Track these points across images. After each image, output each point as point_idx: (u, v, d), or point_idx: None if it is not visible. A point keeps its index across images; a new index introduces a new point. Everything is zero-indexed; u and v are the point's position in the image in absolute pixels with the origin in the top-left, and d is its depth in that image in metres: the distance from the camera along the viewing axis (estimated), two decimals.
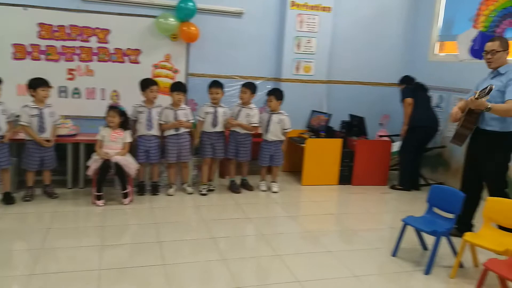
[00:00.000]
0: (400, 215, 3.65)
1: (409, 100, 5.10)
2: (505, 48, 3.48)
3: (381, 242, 3.68)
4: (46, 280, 2.78)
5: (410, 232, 3.45)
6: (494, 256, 2.81)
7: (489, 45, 3.52)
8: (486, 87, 3.24)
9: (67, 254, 3.17)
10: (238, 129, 4.78)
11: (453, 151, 5.41)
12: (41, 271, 2.88)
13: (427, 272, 3.13)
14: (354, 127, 5.48)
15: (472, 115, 3.45)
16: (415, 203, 4.77)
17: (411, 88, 5.24)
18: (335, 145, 5.26)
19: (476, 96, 3.26)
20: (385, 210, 4.69)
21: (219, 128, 4.74)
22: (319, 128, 5.48)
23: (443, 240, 3.20)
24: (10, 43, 4.85)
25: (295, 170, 5.69)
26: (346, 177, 5.37)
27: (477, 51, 5.05)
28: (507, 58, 3.54)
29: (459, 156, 5.29)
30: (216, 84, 4.71)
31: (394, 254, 3.40)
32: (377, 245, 3.61)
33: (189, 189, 4.75)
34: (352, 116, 5.60)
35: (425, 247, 3.52)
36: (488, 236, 3.06)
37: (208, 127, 4.71)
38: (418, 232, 3.47)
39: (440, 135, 5.56)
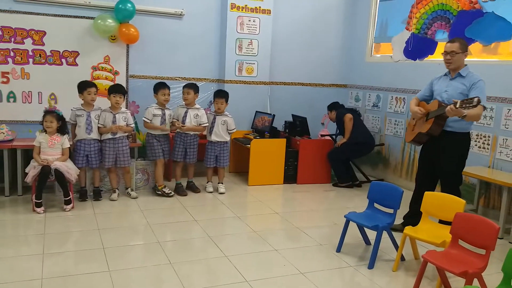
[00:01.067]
0: (343, 211, 3.79)
1: (349, 115, 5.41)
2: (464, 50, 3.56)
3: (326, 238, 3.81)
4: None
5: (353, 228, 3.60)
6: (433, 248, 2.97)
7: (448, 46, 3.58)
8: (473, 99, 3.19)
9: (7, 264, 3.04)
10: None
11: (392, 149, 5.72)
12: None
13: (371, 266, 3.27)
14: (297, 127, 5.65)
15: (441, 120, 3.56)
16: (357, 200, 5.01)
17: (342, 110, 5.60)
18: (280, 145, 5.39)
19: (458, 106, 3.27)
20: (329, 207, 4.87)
21: (167, 131, 4.75)
22: (264, 129, 5.59)
23: (385, 235, 3.35)
24: None
25: (241, 170, 5.77)
26: (291, 176, 5.51)
27: (410, 52, 5.40)
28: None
29: (397, 153, 5.62)
30: (166, 86, 4.71)
31: (338, 250, 3.54)
32: (321, 241, 3.74)
33: (133, 194, 4.68)
34: (294, 116, 5.77)
35: (367, 242, 3.68)
36: (426, 230, 3.23)
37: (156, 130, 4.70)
38: (361, 227, 3.62)
39: (379, 133, 5.87)
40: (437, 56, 5.19)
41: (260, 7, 5.72)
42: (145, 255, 3.33)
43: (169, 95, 4.74)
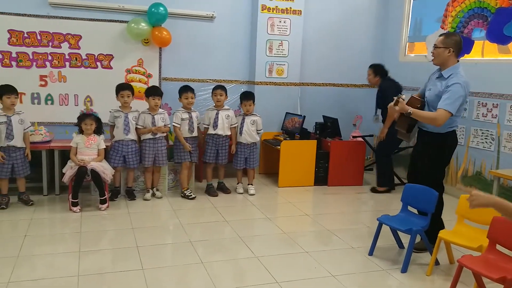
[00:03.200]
0: (375, 214, 3.74)
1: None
2: (448, 46, 3.30)
3: (358, 241, 3.75)
4: (25, 287, 2.75)
5: (386, 231, 3.53)
6: (469, 253, 2.87)
7: (437, 39, 3.44)
8: (399, 97, 3.34)
9: (45, 261, 3.14)
10: (220, 132, 4.83)
11: None
12: (18, 278, 2.85)
13: (404, 270, 3.19)
14: (328, 128, 5.59)
15: (401, 117, 3.50)
16: (390, 202, 4.91)
17: (390, 85, 5.14)
18: (310, 146, 5.35)
19: (393, 103, 3.34)
20: (361, 209, 4.80)
21: (195, 133, 4.81)
22: (294, 130, 5.56)
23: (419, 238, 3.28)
24: None
25: (271, 172, 5.76)
26: (321, 178, 5.46)
27: None
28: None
29: None
30: (190, 89, 4.77)
31: (370, 253, 3.48)
32: (353, 244, 3.69)
33: (158, 194, 4.75)
34: (325, 117, 5.72)
35: (401, 246, 3.60)
36: (462, 233, 3.13)
37: (185, 133, 4.74)
38: (394, 230, 3.55)
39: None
40: (474, 55, 5.04)
41: (291, 7, 5.71)
42: (177, 254, 3.38)
43: (192, 98, 4.78)
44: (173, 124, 4.75)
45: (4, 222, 3.88)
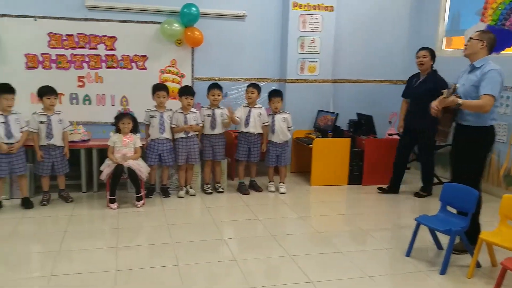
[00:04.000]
0: (412, 214, 3.66)
1: None
2: (482, 39, 3.33)
3: (394, 242, 3.68)
4: (64, 281, 2.84)
5: (424, 231, 3.44)
6: None
7: (473, 33, 3.44)
8: (450, 87, 3.24)
9: (84, 256, 3.24)
10: (252, 130, 4.84)
11: None
12: (59, 272, 2.95)
13: (443, 272, 3.10)
14: (362, 126, 5.49)
15: (446, 113, 3.40)
16: (427, 202, 4.78)
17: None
18: (344, 144, 5.28)
19: (444, 96, 3.25)
20: (397, 209, 4.68)
21: (217, 131, 4.82)
22: (326, 128, 5.50)
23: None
24: (23, 53, 4.96)
25: (302, 170, 5.72)
26: (356, 177, 5.37)
27: None
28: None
29: None
30: (216, 87, 4.79)
31: (408, 254, 3.39)
32: (389, 245, 3.61)
33: (192, 191, 4.81)
34: (359, 115, 5.62)
35: (440, 247, 3.49)
36: (505, 234, 3.01)
37: (207, 130, 4.79)
38: (432, 231, 3.45)
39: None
40: None
41: (322, 4, 5.64)
42: (210, 251, 3.41)
43: (219, 95, 4.81)
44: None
45: (45, 218, 4.03)
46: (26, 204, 4.23)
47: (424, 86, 4.72)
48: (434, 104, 3.45)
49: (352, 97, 6.07)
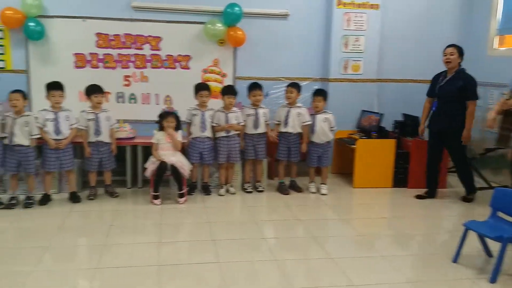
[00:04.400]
0: (459, 219, 3.52)
1: (477, 101, 4.46)
2: None
3: (440, 247, 3.54)
4: (109, 273, 2.92)
5: (472, 237, 3.27)
6: None
7: None
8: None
9: (128, 250, 3.32)
10: (290, 130, 4.80)
11: None
12: (104, 265, 3.04)
13: (493, 280, 2.94)
14: (408, 127, 5.32)
15: (508, 116, 3.22)
16: (474, 207, 4.56)
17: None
18: (388, 146, 5.13)
19: (507, 98, 3.04)
20: (443, 214, 4.49)
21: (260, 130, 4.81)
22: (370, 129, 5.37)
23: (510, 247, 3.00)
24: (72, 53, 5.15)
25: (345, 172, 5.61)
26: (401, 180, 5.20)
27: None
28: None
29: None
30: (258, 86, 4.78)
31: (454, 260, 3.24)
32: (435, 250, 3.48)
33: (232, 189, 4.82)
34: (405, 115, 5.44)
35: (489, 254, 3.32)
36: None
37: (249, 129, 4.79)
38: (481, 237, 3.28)
39: None
40: None
41: (368, 2, 5.51)
42: (250, 249, 3.40)
43: (260, 95, 4.79)
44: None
45: (92, 212, 4.17)
46: (74, 198, 4.39)
47: (452, 85, 4.49)
48: (493, 112, 3.26)
49: (397, 97, 5.89)
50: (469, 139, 4.47)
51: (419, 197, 4.80)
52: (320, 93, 4.88)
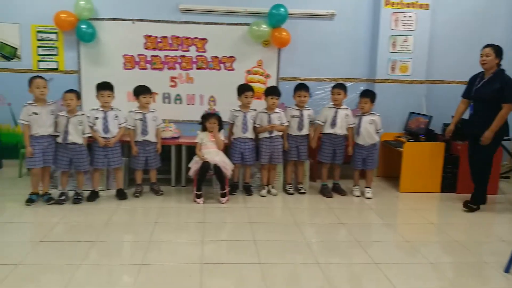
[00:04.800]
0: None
1: None
2: None
3: (491, 256, 3.36)
4: (153, 270, 2.98)
5: None
6: None
7: None
8: None
9: (171, 247, 3.37)
10: (338, 131, 4.73)
11: None
12: (149, 261, 3.10)
13: None
14: (458, 130, 5.08)
15: None
16: None
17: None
18: (437, 149, 4.94)
19: None
20: (495, 221, 4.28)
21: (304, 132, 4.75)
22: (418, 131, 5.19)
23: None
24: (121, 54, 5.33)
25: (390, 175, 5.46)
26: (450, 185, 5.00)
27: None
28: None
29: None
30: (304, 87, 4.73)
31: (507, 270, 3.07)
32: (486, 259, 3.31)
33: (274, 191, 4.80)
34: None
35: None
36: None
37: (293, 130, 4.74)
38: None
39: None
40: None
41: (417, 1, 5.34)
42: (292, 251, 3.37)
43: (305, 96, 4.74)
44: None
45: (138, 209, 4.28)
46: (121, 195, 4.52)
47: (489, 87, 4.26)
48: None
49: (447, 99, 5.63)
50: (489, 140, 4.20)
51: (467, 207, 4.46)
52: (368, 94, 4.77)
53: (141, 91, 4.56)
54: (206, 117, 4.57)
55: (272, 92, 4.72)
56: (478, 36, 5.62)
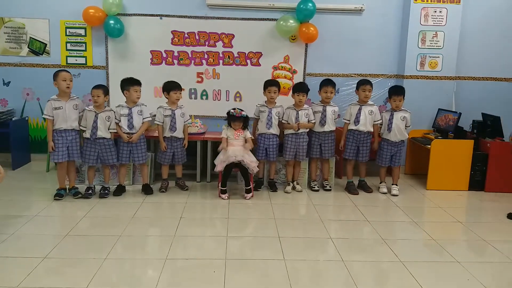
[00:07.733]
0: None
1: None
2: None
3: None
4: (178, 265, 3.03)
5: None
6: None
7: None
8: None
9: (196, 242, 3.42)
10: (361, 128, 4.69)
11: None
12: (174, 256, 3.15)
13: None
14: (488, 127, 4.98)
15: None
16: None
17: None
18: (466, 147, 4.84)
19: None
20: None
21: (327, 128, 4.72)
22: (447, 128, 5.10)
23: None
24: (149, 50, 5.40)
25: (418, 172, 5.38)
26: (478, 183, 4.90)
27: None
28: None
29: None
30: (330, 83, 4.70)
31: None
32: None
33: (298, 187, 4.80)
34: (485, 115, 5.09)
35: None
36: None
37: (316, 126, 4.73)
38: None
39: None
40: None
41: None
42: (317, 248, 3.37)
43: (331, 92, 4.69)
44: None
45: (164, 204, 4.35)
46: (146, 190, 4.58)
47: None
48: None
49: (477, 96, 5.53)
50: None
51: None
52: (402, 92, 4.68)
53: (172, 87, 4.56)
54: (232, 119, 4.53)
55: (299, 88, 4.69)
56: (510, 31, 5.46)
